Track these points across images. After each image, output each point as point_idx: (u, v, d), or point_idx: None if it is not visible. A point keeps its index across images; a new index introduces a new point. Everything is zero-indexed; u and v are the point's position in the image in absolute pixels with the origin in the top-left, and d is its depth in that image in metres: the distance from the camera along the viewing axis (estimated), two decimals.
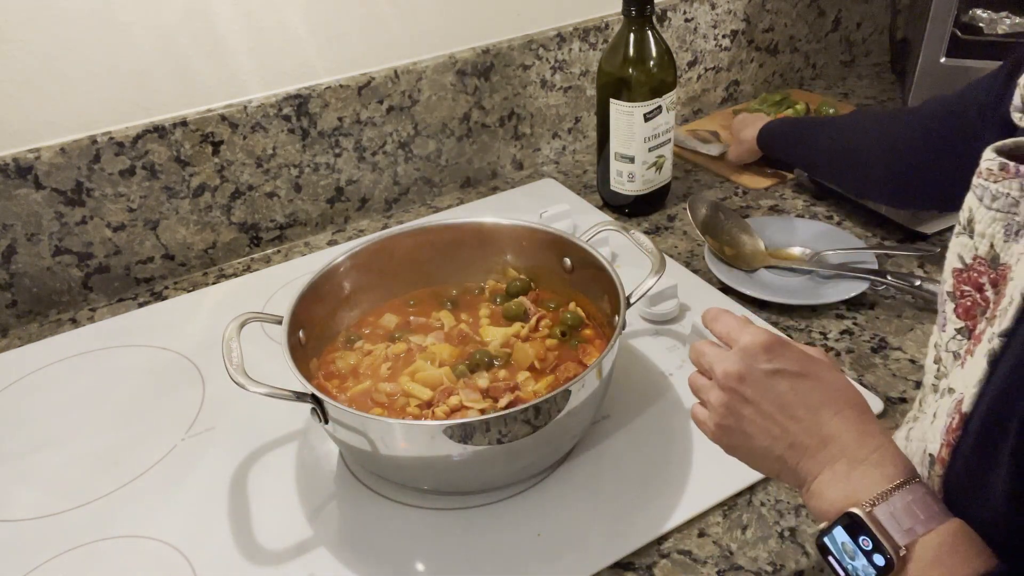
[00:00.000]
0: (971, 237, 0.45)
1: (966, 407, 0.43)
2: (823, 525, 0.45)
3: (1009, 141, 0.45)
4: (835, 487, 0.45)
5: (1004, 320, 0.41)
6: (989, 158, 0.45)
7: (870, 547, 0.42)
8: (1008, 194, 0.43)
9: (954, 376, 0.46)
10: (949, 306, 0.47)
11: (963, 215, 0.46)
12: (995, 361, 0.41)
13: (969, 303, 0.46)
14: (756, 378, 0.49)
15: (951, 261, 0.47)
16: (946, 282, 0.47)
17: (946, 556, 0.41)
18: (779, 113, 1.26)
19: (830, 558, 0.45)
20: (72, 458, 0.75)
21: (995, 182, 0.44)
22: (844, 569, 0.44)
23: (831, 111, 1.26)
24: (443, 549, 0.63)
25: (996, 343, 0.41)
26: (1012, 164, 0.43)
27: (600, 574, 0.61)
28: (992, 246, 0.43)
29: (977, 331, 0.45)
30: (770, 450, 0.49)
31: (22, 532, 0.68)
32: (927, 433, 0.47)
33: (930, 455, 0.45)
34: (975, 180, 0.45)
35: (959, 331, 0.48)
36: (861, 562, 0.43)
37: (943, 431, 0.44)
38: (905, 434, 0.52)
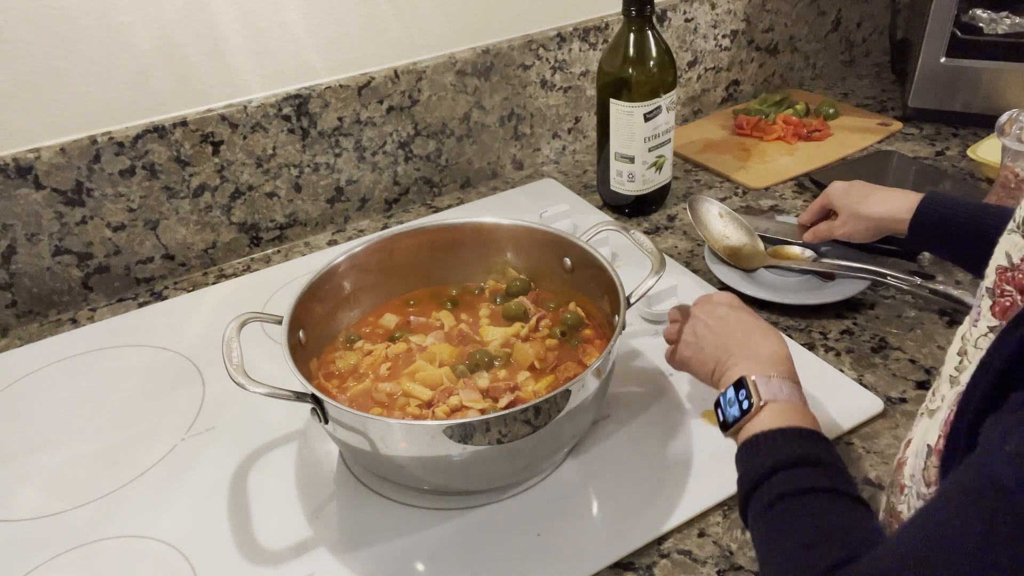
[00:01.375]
0: (1023, 237, 0.44)
1: (960, 388, 0.45)
2: (723, 389, 0.61)
3: None
4: (740, 368, 0.61)
5: (988, 323, 0.43)
6: None
7: (743, 398, 0.58)
8: None
9: (967, 373, 0.46)
10: (986, 302, 0.46)
11: (1019, 212, 0.45)
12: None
13: (1008, 303, 0.46)
14: (712, 309, 0.68)
15: (997, 258, 0.46)
16: (988, 277, 0.46)
17: (786, 413, 0.56)
18: (779, 113, 1.25)
19: (718, 409, 0.60)
20: (72, 458, 0.75)
21: None
22: (724, 414, 0.59)
23: (831, 111, 1.26)
24: (443, 549, 0.63)
25: (976, 337, 0.44)
26: None
27: (600, 574, 0.61)
28: None
29: None
30: (711, 354, 0.65)
31: (22, 532, 0.68)
32: (931, 427, 0.48)
33: (928, 446, 0.48)
34: None
35: (992, 329, 0.47)
36: (734, 408, 0.58)
37: (941, 423, 0.47)
38: (924, 431, 0.51)
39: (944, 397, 0.49)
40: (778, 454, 0.53)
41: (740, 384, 0.59)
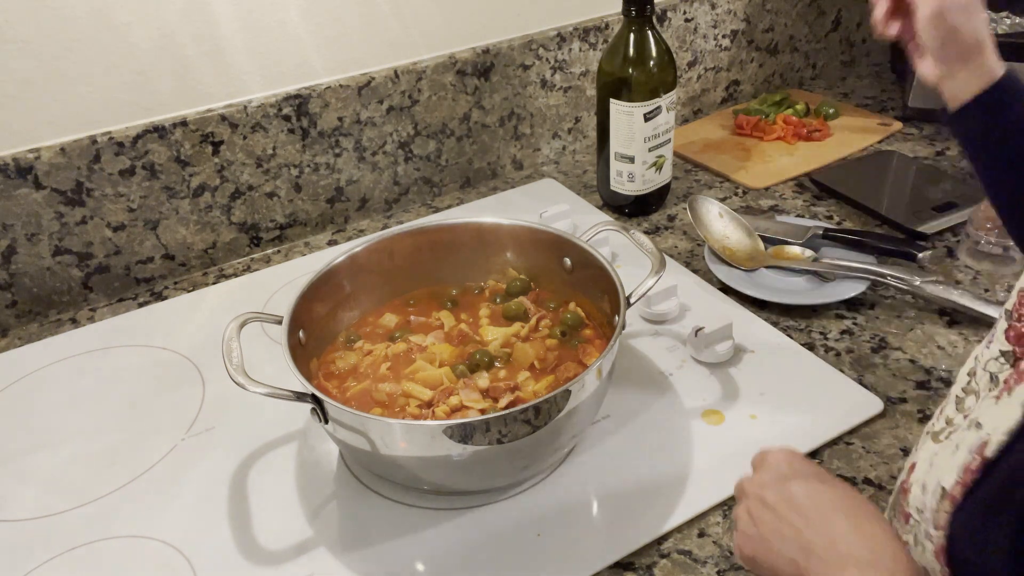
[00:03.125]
0: None
1: (990, 452, 0.42)
2: None
3: None
4: None
5: (1000, 346, 0.40)
6: None
7: None
8: None
9: (985, 409, 0.45)
10: (1002, 325, 0.45)
11: None
12: None
13: None
14: (775, 484, 0.50)
15: (1022, 282, 0.45)
16: (1010, 300, 0.45)
17: None
18: (779, 113, 1.26)
19: None
20: (72, 458, 0.75)
21: None
22: None
23: (831, 111, 1.26)
24: (443, 549, 0.63)
25: (987, 359, 0.41)
26: None
27: (600, 574, 0.61)
28: None
29: (1022, 367, 0.43)
30: (783, 553, 0.48)
31: (22, 532, 0.68)
32: (944, 464, 0.45)
33: (943, 488, 0.45)
34: None
35: (1004, 354, 0.45)
36: None
37: (960, 469, 0.43)
38: (931, 456, 0.49)
39: (952, 423, 0.47)
40: None
41: None
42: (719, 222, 0.96)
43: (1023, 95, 0.63)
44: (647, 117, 0.97)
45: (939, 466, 0.46)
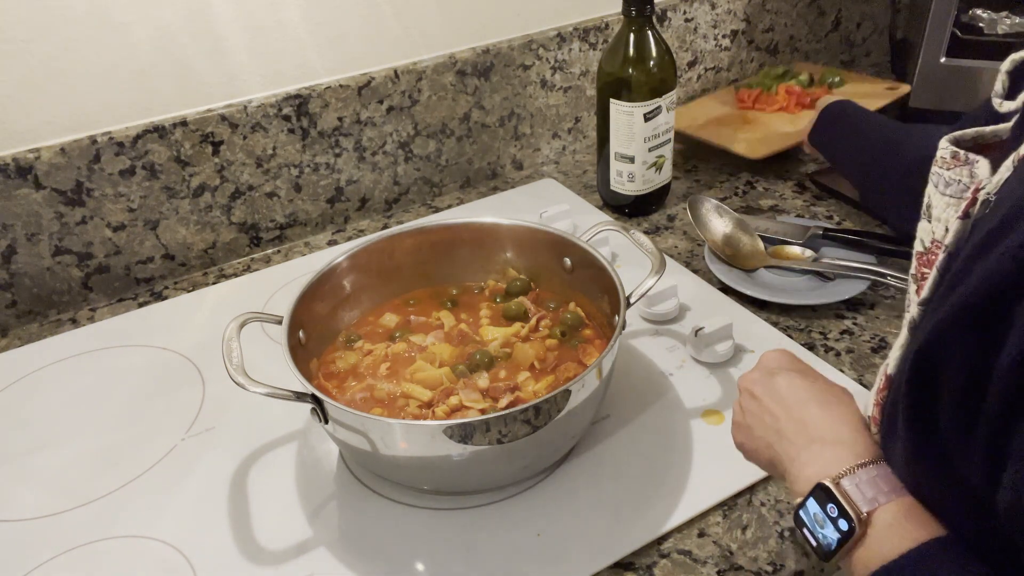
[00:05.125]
0: (929, 221, 0.47)
1: (891, 369, 0.47)
2: (798, 500, 0.49)
3: (970, 131, 0.48)
4: (810, 466, 0.49)
5: (925, 290, 0.44)
6: (943, 147, 0.47)
7: (836, 514, 0.46)
8: (959, 180, 0.46)
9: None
10: (912, 287, 0.49)
11: (924, 201, 0.48)
12: (915, 328, 0.45)
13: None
14: (762, 378, 0.57)
15: (916, 245, 0.49)
16: (912, 265, 0.49)
17: (902, 522, 0.44)
18: (780, 84, 1.23)
19: (804, 530, 0.48)
20: (72, 458, 0.75)
21: (948, 169, 0.46)
22: (816, 538, 0.47)
23: (836, 79, 1.24)
24: (443, 549, 0.63)
25: (915, 311, 0.45)
26: (962, 152, 0.46)
27: (600, 574, 0.61)
28: (947, 229, 0.44)
29: (911, 297, 0.48)
30: (764, 439, 0.54)
31: (22, 532, 0.68)
32: (868, 399, 0.50)
33: (868, 417, 0.49)
34: (932, 168, 0.47)
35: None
36: (829, 529, 0.46)
37: (873, 392, 0.48)
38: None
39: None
40: None
41: (825, 493, 0.47)
42: (719, 222, 0.96)
43: (851, 107, 0.98)
44: (647, 117, 0.97)
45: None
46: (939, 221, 0.47)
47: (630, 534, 0.63)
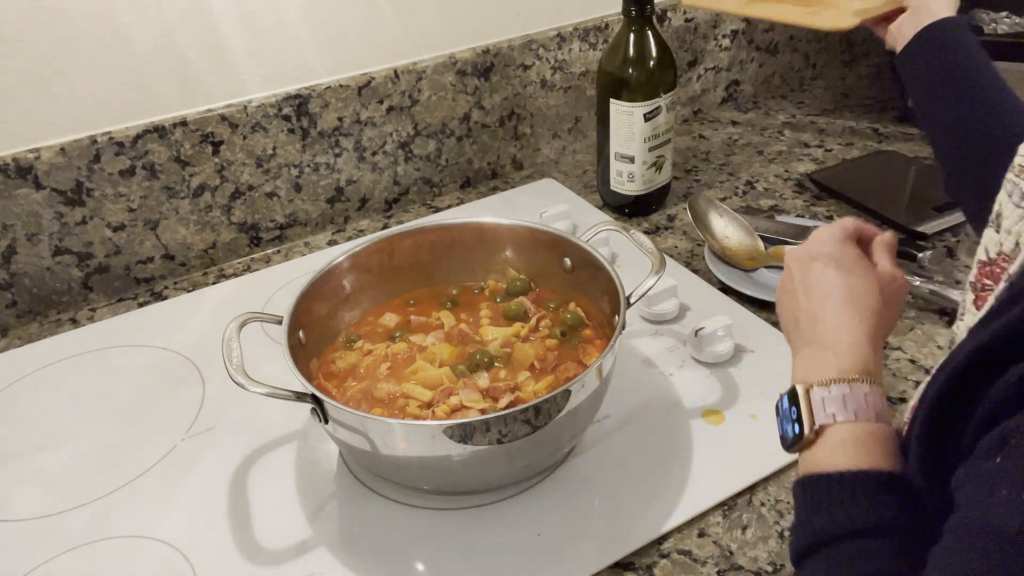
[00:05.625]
0: (997, 232, 0.45)
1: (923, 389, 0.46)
2: (784, 390, 0.51)
3: None
4: (801, 365, 0.51)
5: (974, 318, 0.42)
6: (1022, 154, 0.44)
7: (795, 416, 0.48)
8: None
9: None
10: (969, 296, 0.47)
11: (995, 208, 0.45)
12: (968, 337, 0.43)
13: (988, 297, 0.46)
14: (803, 259, 0.56)
15: (979, 252, 0.47)
16: (971, 271, 0.47)
17: (850, 444, 0.45)
18: None
19: (777, 416, 0.51)
20: (72, 458, 0.75)
21: None
22: (780, 428, 0.50)
23: None
24: (443, 549, 0.63)
25: (970, 321, 0.44)
26: None
27: (600, 574, 0.61)
28: (1018, 244, 0.42)
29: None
30: (787, 318, 0.56)
31: (22, 532, 0.68)
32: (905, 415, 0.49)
33: (897, 429, 0.48)
34: (1007, 175, 0.44)
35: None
36: (788, 426, 0.49)
37: (910, 409, 0.47)
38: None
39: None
40: (837, 517, 0.44)
41: (793, 395, 0.49)
42: (719, 222, 0.96)
43: (962, 39, 0.70)
44: (647, 117, 0.97)
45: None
46: (1008, 233, 0.44)
47: (630, 534, 0.63)
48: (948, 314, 0.84)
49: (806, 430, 0.47)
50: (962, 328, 0.48)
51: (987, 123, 0.67)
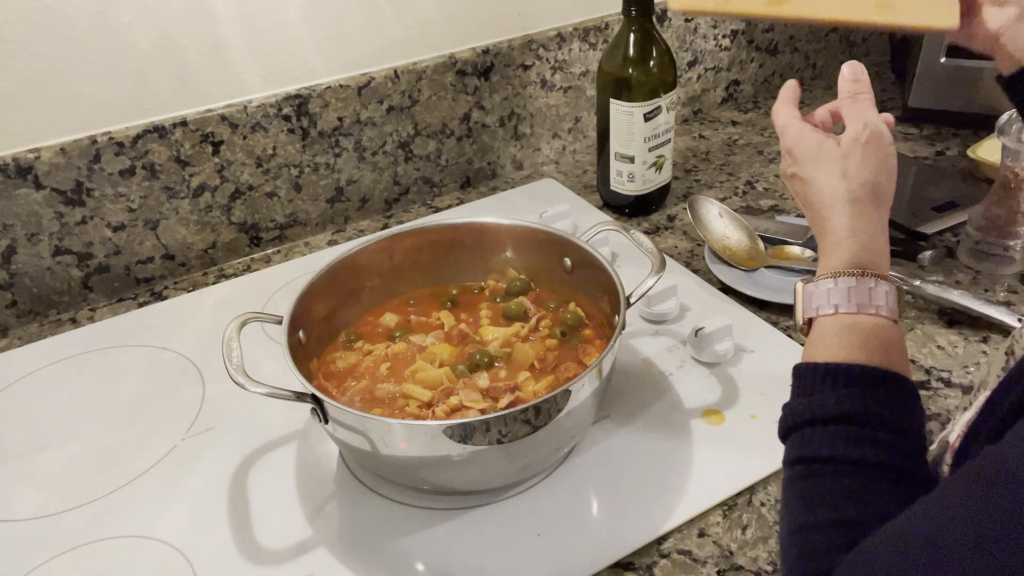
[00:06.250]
0: None
1: (984, 397, 0.43)
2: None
3: None
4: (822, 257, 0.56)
5: None
6: None
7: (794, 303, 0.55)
8: None
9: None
10: None
11: None
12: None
13: None
14: (785, 177, 0.62)
15: None
16: None
17: (828, 336, 0.51)
18: None
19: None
20: (72, 458, 0.75)
21: None
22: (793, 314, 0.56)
23: None
24: (443, 549, 0.63)
25: None
26: None
27: (600, 574, 0.61)
28: None
29: None
30: (800, 204, 0.61)
31: (22, 532, 0.68)
32: (955, 426, 0.47)
33: (946, 442, 0.47)
34: None
35: None
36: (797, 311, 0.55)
37: (965, 423, 0.45)
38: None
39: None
40: (816, 403, 0.48)
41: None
42: (719, 222, 0.96)
43: None
44: (647, 117, 0.97)
45: (952, 431, 0.49)
46: None
47: (630, 534, 0.63)
48: (948, 314, 0.84)
49: (797, 322, 0.54)
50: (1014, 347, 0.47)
51: None
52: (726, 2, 0.63)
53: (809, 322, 0.53)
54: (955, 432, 0.46)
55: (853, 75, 0.61)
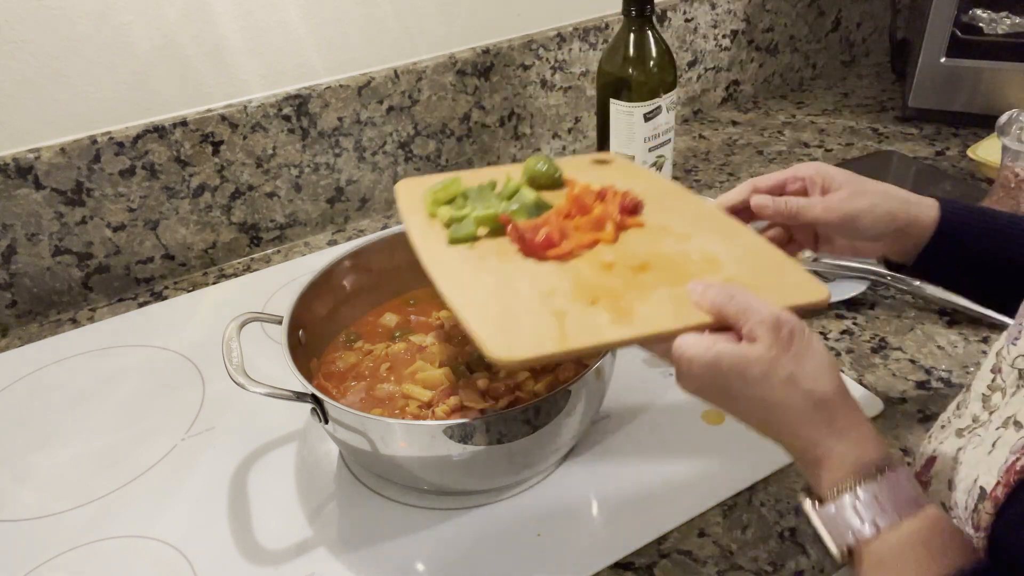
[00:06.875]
0: None
1: None
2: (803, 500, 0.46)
3: None
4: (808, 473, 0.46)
5: None
6: None
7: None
8: None
9: (1019, 404, 0.44)
10: None
11: None
12: None
13: None
14: (720, 407, 0.50)
15: None
16: None
17: (898, 562, 0.41)
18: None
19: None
20: (72, 458, 0.75)
21: None
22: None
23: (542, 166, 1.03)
24: (443, 549, 0.63)
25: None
26: None
27: (600, 574, 0.61)
28: None
29: None
30: (755, 426, 0.49)
31: (22, 532, 0.68)
32: (981, 463, 0.45)
33: (981, 488, 0.44)
34: None
35: None
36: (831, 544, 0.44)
37: (1002, 469, 0.43)
38: (955, 451, 0.49)
39: (978, 420, 0.46)
40: None
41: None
42: None
43: (967, 220, 0.60)
44: (647, 117, 0.97)
45: (969, 463, 0.46)
46: None
47: (630, 534, 0.63)
48: (948, 314, 0.84)
49: (838, 560, 0.43)
50: (1014, 353, 0.45)
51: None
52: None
53: (849, 551, 0.43)
54: (989, 476, 0.43)
55: (701, 290, 0.51)
